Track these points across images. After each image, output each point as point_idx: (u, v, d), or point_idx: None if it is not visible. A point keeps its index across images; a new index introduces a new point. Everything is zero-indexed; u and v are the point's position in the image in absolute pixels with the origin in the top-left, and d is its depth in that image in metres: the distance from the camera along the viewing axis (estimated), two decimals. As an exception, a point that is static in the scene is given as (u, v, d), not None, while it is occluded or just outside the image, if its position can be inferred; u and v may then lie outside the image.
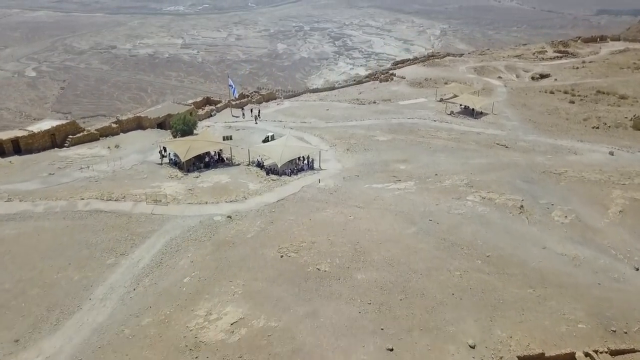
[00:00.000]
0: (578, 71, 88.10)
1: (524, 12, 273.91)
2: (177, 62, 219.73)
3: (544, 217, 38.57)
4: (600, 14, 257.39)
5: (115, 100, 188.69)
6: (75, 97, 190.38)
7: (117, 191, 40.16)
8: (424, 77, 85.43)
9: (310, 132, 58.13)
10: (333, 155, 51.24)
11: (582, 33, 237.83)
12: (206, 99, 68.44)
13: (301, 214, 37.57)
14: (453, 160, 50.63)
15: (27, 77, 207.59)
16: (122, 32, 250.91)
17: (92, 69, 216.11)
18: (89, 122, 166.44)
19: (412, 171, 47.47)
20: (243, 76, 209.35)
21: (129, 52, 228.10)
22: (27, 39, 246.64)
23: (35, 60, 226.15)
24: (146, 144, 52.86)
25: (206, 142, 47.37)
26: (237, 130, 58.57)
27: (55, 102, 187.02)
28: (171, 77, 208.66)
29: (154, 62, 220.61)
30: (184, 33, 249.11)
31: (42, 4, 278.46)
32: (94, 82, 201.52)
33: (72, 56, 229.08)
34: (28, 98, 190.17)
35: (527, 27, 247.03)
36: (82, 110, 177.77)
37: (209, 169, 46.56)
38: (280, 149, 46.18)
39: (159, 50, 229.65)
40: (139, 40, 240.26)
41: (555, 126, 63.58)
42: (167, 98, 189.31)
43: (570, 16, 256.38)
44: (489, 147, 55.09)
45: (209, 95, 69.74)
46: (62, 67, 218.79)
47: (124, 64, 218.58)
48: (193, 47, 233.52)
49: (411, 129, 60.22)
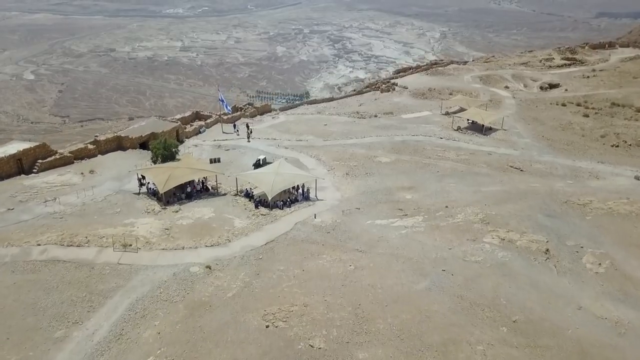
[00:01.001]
0: (589, 81, 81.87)
1: (523, 14, 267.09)
2: (176, 65, 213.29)
3: (575, 265, 32.49)
4: (600, 17, 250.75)
5: (113, 103, 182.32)
6: (74, 101, 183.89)
7: (82, 232, 34.07)
8: (428, 87, 79.20)
9: (307, 153, 52.01)
10: (331, 181, 45.12)
11: (583, 36, 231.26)
12: (195, 114, 62.18)
13: (293, 262, 31.53)
14: (464, 187, 44.55)
15: (25, 80, 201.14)
16: (121, 35, 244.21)
17: (91, 71, 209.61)
18: (86, 125, 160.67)
19: (420, 202, 41.40)
20: (242, 79, 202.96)
21: (128, 55, 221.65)
22: (25, 41, 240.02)
23: (34, 63, 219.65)
24: (125, 168, 46.69)
25: (188, 170, 41.21)
26: (226, 151, 52.44)
27: (53, 106, 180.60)
28: (170, 80, 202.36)
29: (152, 65, 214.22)
30: (183, 36, 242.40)
31: (41, 6, 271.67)
32: (92, 85, 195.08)
33: (70, 59, 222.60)
34: (26, 101, 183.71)
35: (527, 30, 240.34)
36: (80, 114, 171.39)
37: (191, 200, 40.45)
38: (272, 178, 40.06)
39: (157, 53, 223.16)
40: (138, 43, 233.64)
41: (571, 144, 57.44)
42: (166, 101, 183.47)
43: (570, 19, 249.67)
44: (502, 170, 48.98)
45: (199, 110, 63.48)
46: (61, 70, 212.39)
47: (122, 67, 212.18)
48: (192, 50, 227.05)
49: (416, 148, 54.11)
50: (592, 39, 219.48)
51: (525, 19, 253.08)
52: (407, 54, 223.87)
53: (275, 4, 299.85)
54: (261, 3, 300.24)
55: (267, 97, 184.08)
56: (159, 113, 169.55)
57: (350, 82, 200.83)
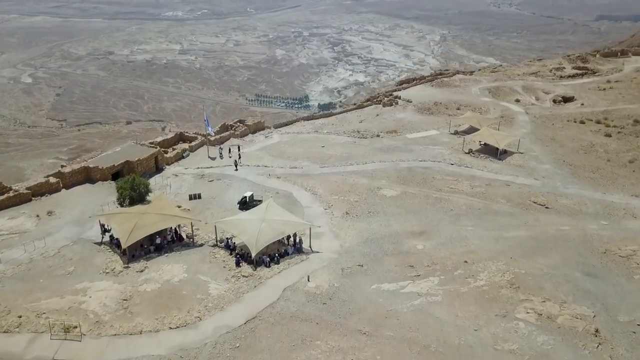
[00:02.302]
0: (606, 94, 74.08)
1: (523, 17, 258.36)
2: (175, 68, 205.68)
3: (634, 354, 24.95)
4: (600, 20, 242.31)
5: (111, 107, 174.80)
6: (71, 104, 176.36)
7: (17, 306, 26.53)
8: (433, 101, 71.34)
9: (301, 184, 44.28)
10: (328, 224, 37.42)
11: (583, 39, 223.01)
12: (179, 135, 54.21)
13: (278, 354, 23.98)
14: (483, 231, 36.94)
15: (23, 83, 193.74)
16: (120, 38, 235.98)
17: (89, 75, 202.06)
18: (84, 130, 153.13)
19: (433, 253, 33.77)
20: (241, 83, 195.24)
21: (127, 58, 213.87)
22: (24, 44, 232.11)
23: (32, 66, 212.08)
24: (90, 206, 39.06)
25: (159, 217, 33.52)
26: (210, 182, 44.70)
27: (50, 109, 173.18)
28: (168, 83, 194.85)
29: (151, 68, 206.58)
30: (182, 39, 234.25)
31: (40, 9, 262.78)
32: (90, 89, 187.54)
33: (69, 62, 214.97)
34: (23, 105, 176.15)
35: (527, 33, 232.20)
36: (78, 118, 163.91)
37: (161, 254, 32.80)
38: (257, 226, 32.39)
39: (156, 56, 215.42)
40: (137, 46, 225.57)
41: (597, 171, 49.76)
42: (165, 105, 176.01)
43: (570, 22, 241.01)
44: (524, 207, 41.31)
45: (183, 130, 55.63)
46: (59, 74, 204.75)
47: (121, 70, 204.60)
48: (191, 53, 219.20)
49: (424, 178, 46.39)
50: (593, 42, 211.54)
51: (525, 21, 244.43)
52: (407, 57, 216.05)
53: (275, 7, 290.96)
54: (261, 6, 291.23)
55: (266, 100, 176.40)
56: (157, 117, 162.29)
57: (350, 85, 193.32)
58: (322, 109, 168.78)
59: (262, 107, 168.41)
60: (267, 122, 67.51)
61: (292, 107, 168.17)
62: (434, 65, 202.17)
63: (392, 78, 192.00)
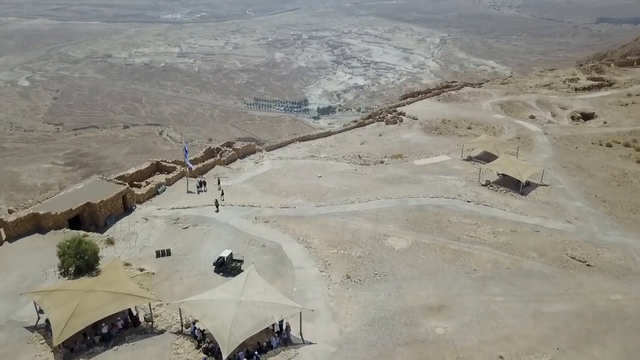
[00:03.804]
0: (629, 110, 65.53)
1: (523, 20, 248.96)
2: (173, 71, 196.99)
3: None
4: (600, 22, 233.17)
5: (108, 111, 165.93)
6: (68, 108, 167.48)
7: None
8: (441, 119, 62.75)
9: (293, 232, 35.87)
10: (324, 295, 29.05)
11: (583, 41, 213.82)
12: (156, 165, 45.58)
13: None
14: (517, 303, 28.63)
15: (20, 86, 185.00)
16: (119, 41, 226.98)
17: (87, 78, 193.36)
18: (81, 134, 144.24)
19: (458, 343, 25.44)
20: (240, 86, 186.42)
21: (125, 61, 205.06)
22: (22, 47, 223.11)
23: (30, 69, 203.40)
24: (33, 269, 30.72)
25: (108, 296, 25.11)
26: (184, 229, 36.22)
27: (47, 113, 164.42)
28: (167, 86, 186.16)
29: (149, 71, 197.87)
30: (181, 41, 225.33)
31: (38, 11, 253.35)
32: (87, 92, 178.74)
33: (66, 65, 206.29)
34: (20, 108, 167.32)
35: (527, 36, 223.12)
36: (75, 122, 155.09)
37: (108, 347, 24.46)
38: (232, 311, 24.04)
39: (155, 59, 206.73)
40: (135, 49, 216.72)
41: (638, 211, 41.34)
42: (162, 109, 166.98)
43: (570, 24, 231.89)
44: (561, 264, 32.96)
45: (160, 159, 46.94)
46: (56, 77, 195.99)
47: (119, 74, 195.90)
48: (189, 56, 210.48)
49: (438, 221, 38.00)
50: (593, 45, 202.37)
51: (525, 24, 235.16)
52: (406, 60, 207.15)
53: (274, 10, 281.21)
54: (260, 8, 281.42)
55: (265, 104, 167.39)
56: (154, 121, 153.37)
57: (349, 88, 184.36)
58: (322, 112, 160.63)
59: (260, 110, 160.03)
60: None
61: (291, 110, 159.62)
62: (434, 68, 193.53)
63: (392, 81, 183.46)
